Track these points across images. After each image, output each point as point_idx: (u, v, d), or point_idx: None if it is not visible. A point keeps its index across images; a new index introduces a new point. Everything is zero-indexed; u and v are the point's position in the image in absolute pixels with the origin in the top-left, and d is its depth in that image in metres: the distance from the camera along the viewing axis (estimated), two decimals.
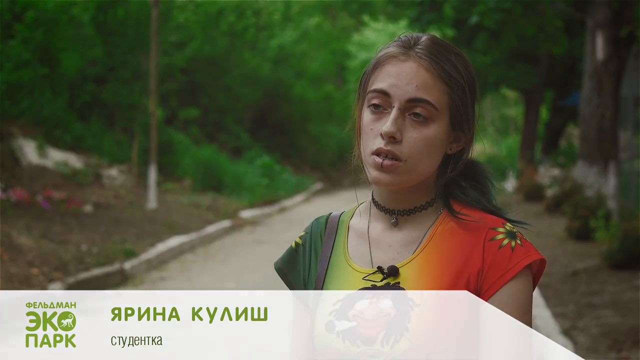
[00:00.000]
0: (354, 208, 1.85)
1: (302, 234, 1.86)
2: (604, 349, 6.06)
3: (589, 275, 8.76)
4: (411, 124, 1.66)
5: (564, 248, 10.70)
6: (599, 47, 12.82)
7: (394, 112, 1.66)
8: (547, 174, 21.36)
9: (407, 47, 1.70)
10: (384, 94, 1.68)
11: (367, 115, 1.70)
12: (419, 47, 1.69)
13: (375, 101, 1.68)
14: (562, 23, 14.37)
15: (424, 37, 1.72)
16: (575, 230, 11.34)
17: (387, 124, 1.65)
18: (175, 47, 20.75)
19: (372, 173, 1.69)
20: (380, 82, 1.68)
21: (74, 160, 14.79)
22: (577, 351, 5.99)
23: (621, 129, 13.93)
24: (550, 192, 17.04)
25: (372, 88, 1.70)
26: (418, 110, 1.66)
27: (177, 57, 20.50)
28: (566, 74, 23.23)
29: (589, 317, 7.02)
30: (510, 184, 21.82)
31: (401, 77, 1.67)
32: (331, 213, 1.87)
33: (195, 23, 21.28)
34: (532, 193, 18.16)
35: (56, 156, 14.36)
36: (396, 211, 1.74)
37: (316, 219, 1.86)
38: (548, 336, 6.30)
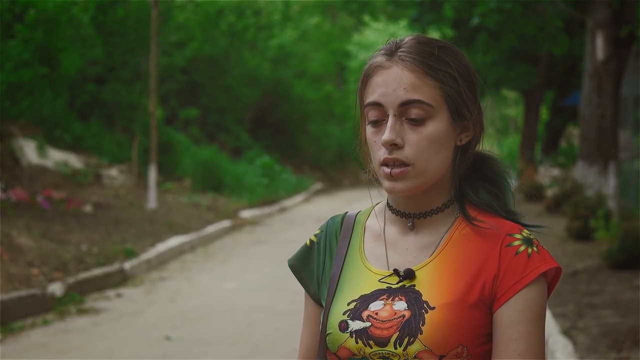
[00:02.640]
0: (370, 208, 1.85)
1: (318, 231, 1.86)
2: (604, 349, 6.06)
3: (589, 275, 8.76)
4: (410, 127, 1.67)
5: (564, 248, 10.70)
6: (599, 47, 12.81)
7: (390, 120, 1.67)
8: (547, 174, 21.36)
9: (390, 53, 1.70)
10: (376, 105, 1.69)
11: (368, 130, 1.72)
12: (401, 50, 1.69)
13: (372, 116, 1.70)
14: (562, 23, 14.37)
15: (407, 39, 1.72)
16: (575, 230, 11.34)
17: (385, 133, 1.66)
18: (175, 47, 20.75)
19: (384, 184, 1.69)
20: (372, 94, 1.70)
21: (74, 160, 14.78)
22: (577, 351, 5.99)
23: (621, 129, 13.93)
24: (550, 192, 17.04)
25: (365, 103, 1.72)
26: (413, 112, 1.66)
27: (177, 57, 20.49)
28: (566, 74, 23.23)
29: (589, 317, 7.02)
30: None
31: (389, 85, 1.68)
32: (347, 212, 1.87)
33: (195, 23, 21.27)
34: (532, 193, 18.11)
35: (56, 156, 14.35)
36: (412, 215, 1.74)
37: (332, 218, 1.86)
38: (548, 336, 6.30)
